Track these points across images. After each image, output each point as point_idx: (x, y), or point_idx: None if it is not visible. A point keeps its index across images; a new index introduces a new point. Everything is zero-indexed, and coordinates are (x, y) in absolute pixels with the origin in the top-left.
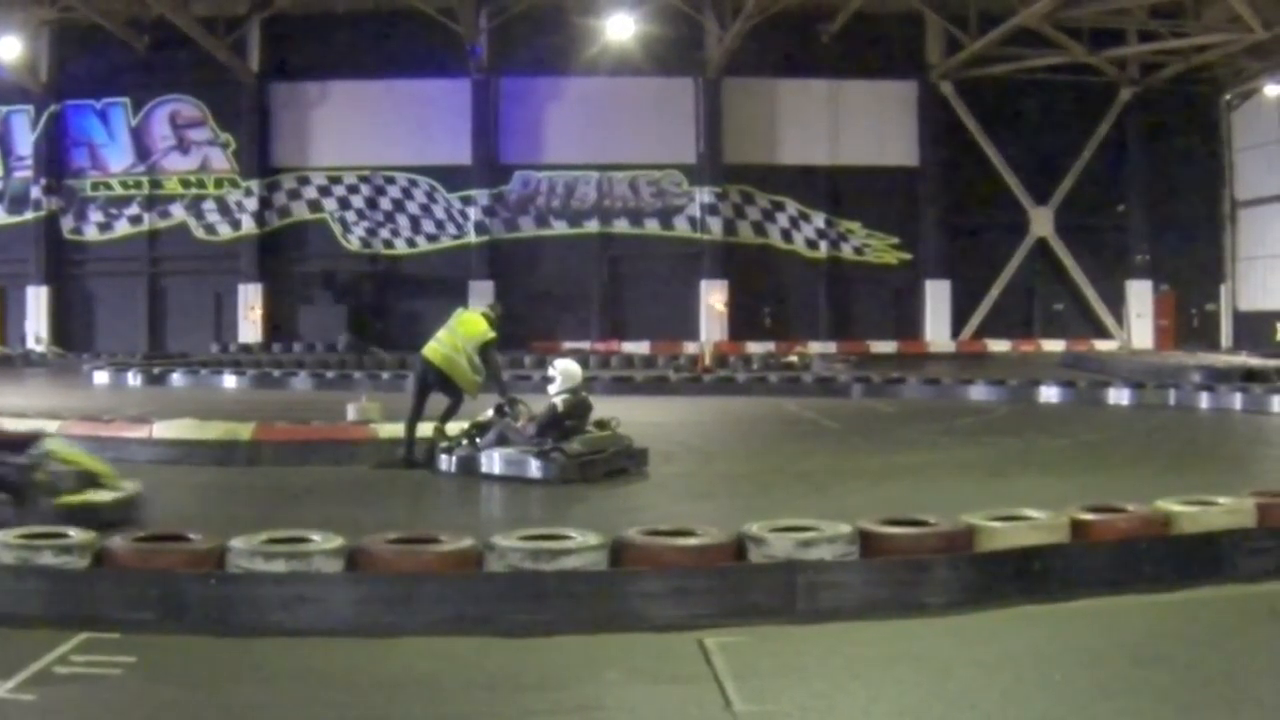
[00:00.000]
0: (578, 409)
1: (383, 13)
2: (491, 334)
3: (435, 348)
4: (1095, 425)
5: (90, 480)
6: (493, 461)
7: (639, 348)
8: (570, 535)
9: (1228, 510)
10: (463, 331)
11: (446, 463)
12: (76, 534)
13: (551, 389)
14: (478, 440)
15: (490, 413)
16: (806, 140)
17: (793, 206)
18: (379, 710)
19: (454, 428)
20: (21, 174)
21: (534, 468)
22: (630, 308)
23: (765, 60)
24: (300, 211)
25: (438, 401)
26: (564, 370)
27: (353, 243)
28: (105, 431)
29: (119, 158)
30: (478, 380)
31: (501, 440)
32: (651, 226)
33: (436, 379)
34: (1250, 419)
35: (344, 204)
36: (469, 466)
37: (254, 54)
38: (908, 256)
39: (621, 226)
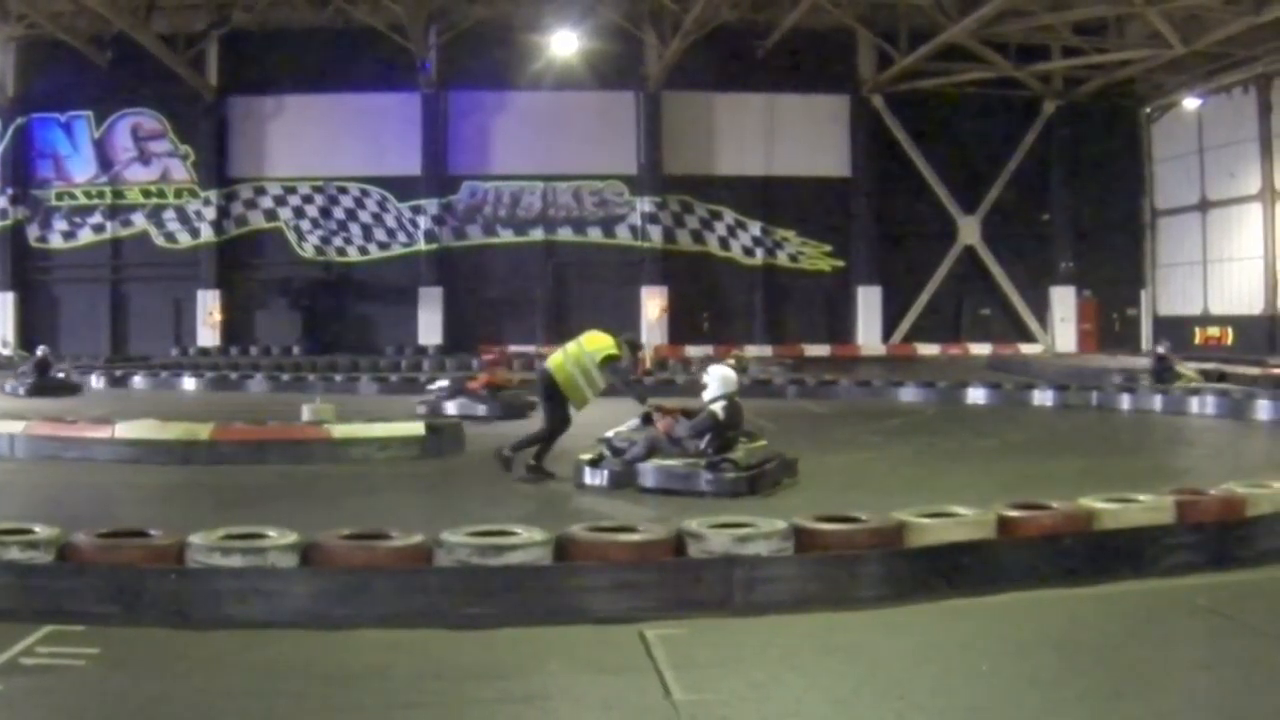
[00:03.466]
0: (736, 417)
1: (336, 29)
2: (614, 350)
3: (559, 359)
4: (1021, 425)
5: None
6: (652, 475)
7: None
8: (516, 531)
9: (1148, 507)
10: (590, 347)
11: (594, 476)
12: (41, 530)
13: (706, 395)
14: (622, 452)
15: (635, 422)
16: (743, 152)
17: (730, 215)
18: (332, 699)
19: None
20: None
21: (703, 481)
22: (574, 312)
23: (703, 75)
24: (257, 220)
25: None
26: (721, 376)
27: (307, 250)
28: (69, 432)
29: (83, 169)
30: (589, 397)
31: (652, 451)
32: (594, 235)
33: (547, 389)
34: (1169, 420)
35: (299, 213)
36: (623, 480)
37: (212, 69)
38: (840, 263)
39: (565, 235)
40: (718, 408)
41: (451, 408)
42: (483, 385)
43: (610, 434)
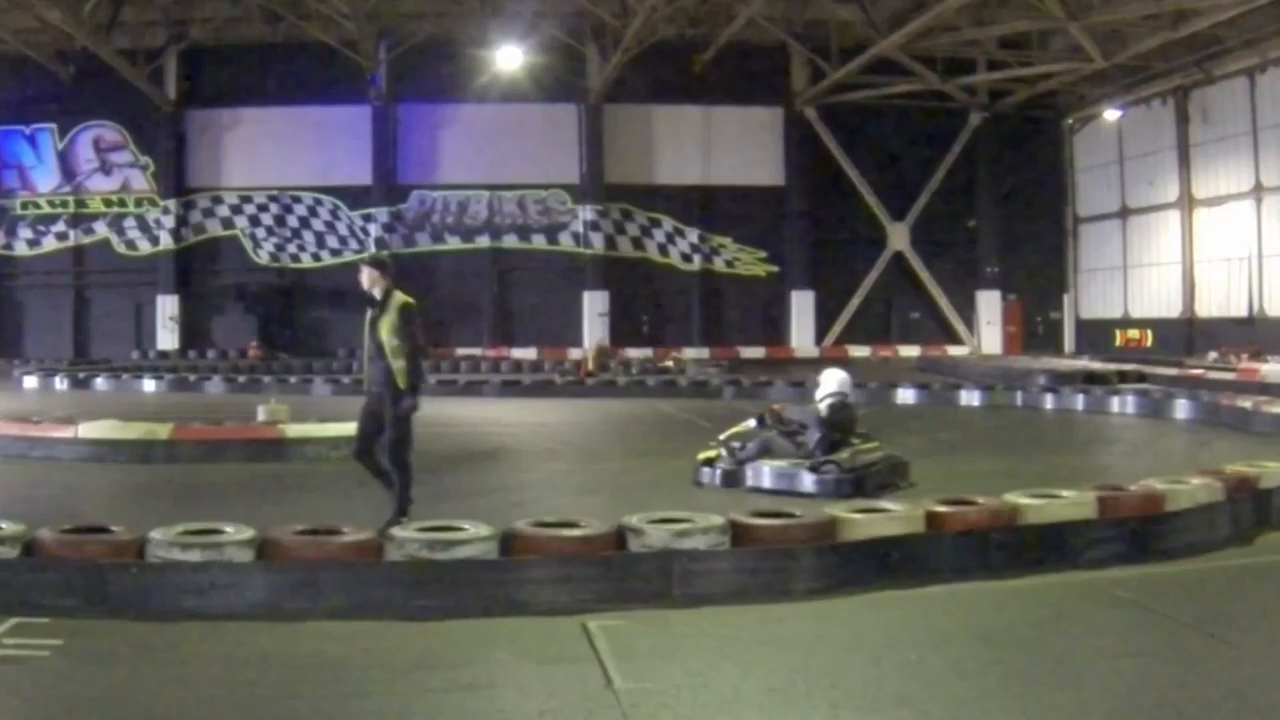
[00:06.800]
0: (845, 418)
1: (290, 44)
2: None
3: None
4: (948, 424)
5: None
6: (760, 475)
7: (527, 353)
8: (463, 527)
9: (1071, 503)
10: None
11: (708, 476)
12: (8, 526)
13: (817, 394)
14: (737, 453)
15: (751, 423)
16: (681, 162)
17: (668, 223)
18: (287, 689)
19: None
20: None
21: (808, 482)
22: (519, 316)
23: (643, 88)
24: (214, 228)
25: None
26: (834, 377)
27: (262, 257)
28: (34, 432)
29: (46, 179)
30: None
31: (765, 452)
32: (538, 242)
33: None
34: (1091, 418)
35: (254, 221)
36: (733, 480)
37: (171, 83)
38: (775, 269)
39: (511, 242)
40: (823, 405)
41: None
42: None
43: (726, 434)
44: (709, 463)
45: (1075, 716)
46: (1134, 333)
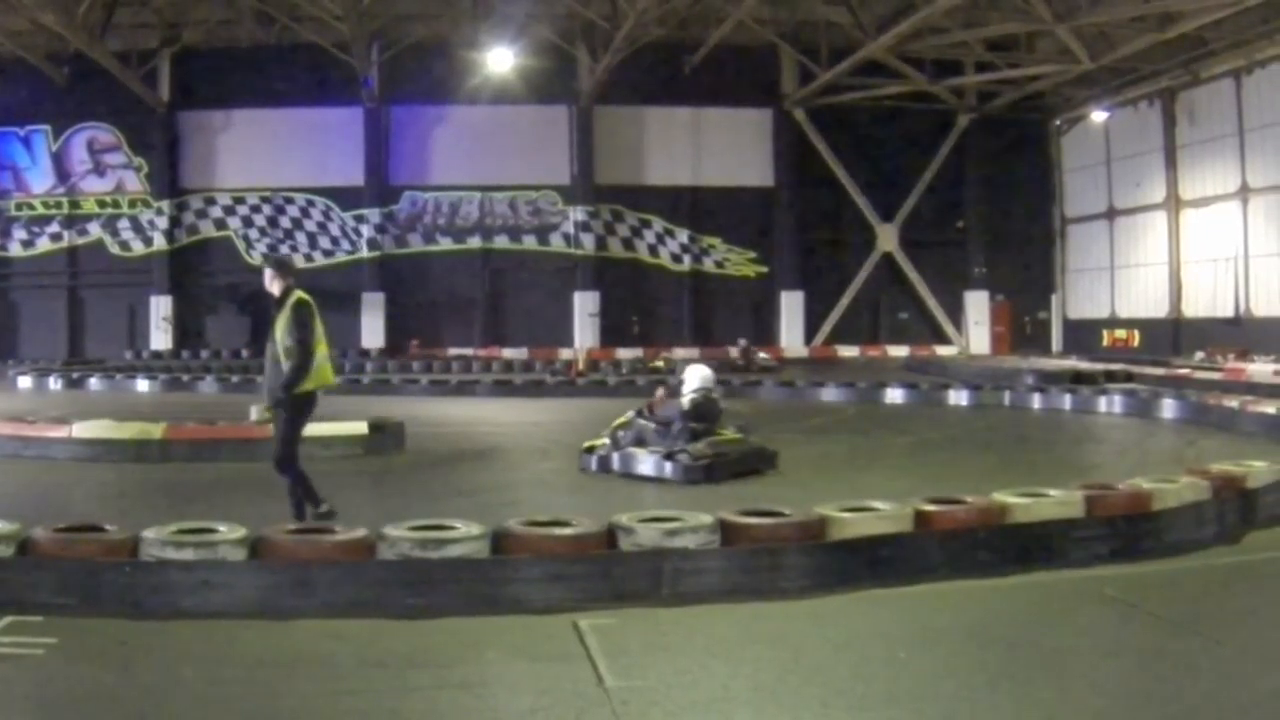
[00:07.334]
0: (706, 410)
1: (283, 46)
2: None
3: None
4: (937, 424)
5: None
6: (627, 462)
7: (518, 354)
8: (455, 525)
9: (1058, 502)
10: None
11: (588, 462)
12: (2, 524)
13: (683, 389)
14: (620, 441)
15: (631, 414)
16: (671, 163)
17: (659, 224)
18: (280, 687)
19: None
20: None
21: (665, 468)
22: (510, 317)
23: (633, 89)
24: (207, 229)
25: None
26: (696, 374)
27: (255, 258)
28: (29, 431)
29: (41, 180)
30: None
31: (639, 441)
32: (529, 242)
33: None
34: (1078, 418)
35: (247, 222)
36: (606, 466)
37: (164, 85)
38: (764, 269)
39: (502, 242)
40: (686, 400)
41: None
42: None
43: (612, 425)
44: (590, 450)
45: (1063, 713)
46: (1121, 333)
